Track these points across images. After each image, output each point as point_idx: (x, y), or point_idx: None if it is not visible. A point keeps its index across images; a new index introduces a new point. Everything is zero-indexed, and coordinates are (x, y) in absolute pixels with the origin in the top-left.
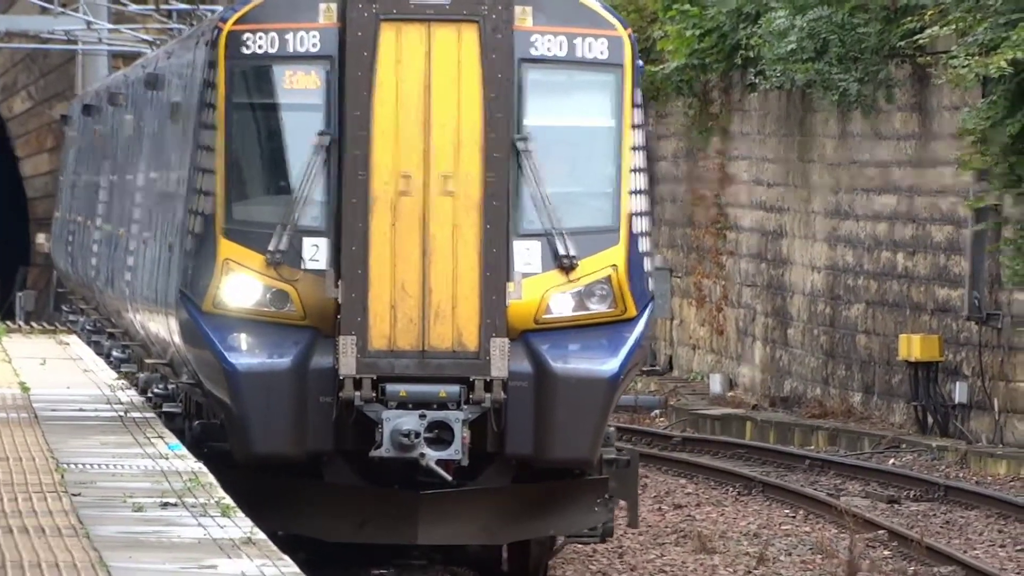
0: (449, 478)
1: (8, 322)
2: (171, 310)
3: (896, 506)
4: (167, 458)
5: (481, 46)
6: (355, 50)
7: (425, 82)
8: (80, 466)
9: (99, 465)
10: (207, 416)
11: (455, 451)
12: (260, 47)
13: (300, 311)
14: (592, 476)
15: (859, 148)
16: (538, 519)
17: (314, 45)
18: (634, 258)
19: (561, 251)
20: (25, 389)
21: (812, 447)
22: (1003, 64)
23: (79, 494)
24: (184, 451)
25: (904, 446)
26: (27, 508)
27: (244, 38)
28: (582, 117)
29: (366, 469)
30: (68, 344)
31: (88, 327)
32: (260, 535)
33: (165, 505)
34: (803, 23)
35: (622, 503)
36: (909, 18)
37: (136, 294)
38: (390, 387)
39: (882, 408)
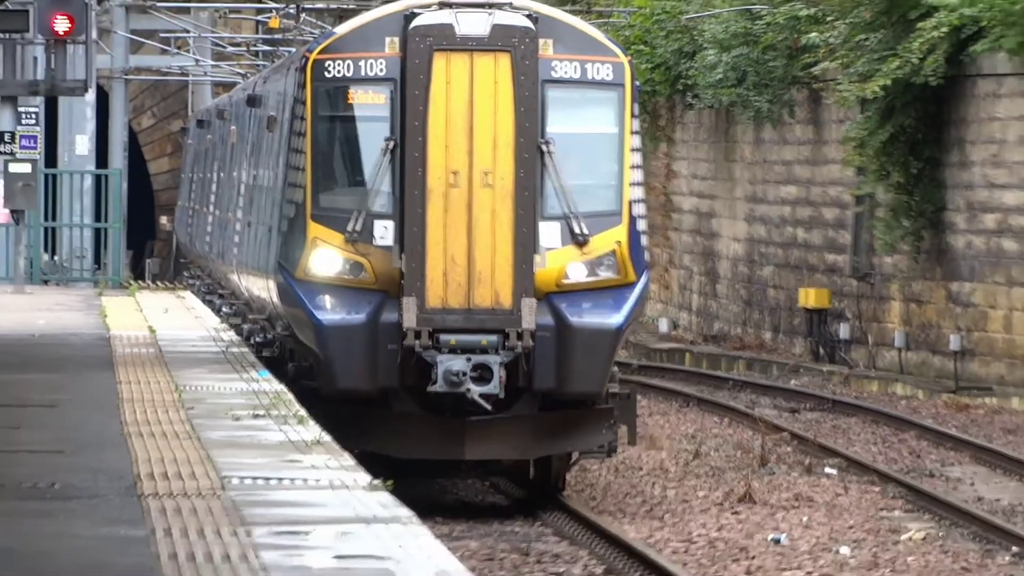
0: (489, 408)
1: (139, 281)
2: (270, 277)
3: (796, 414)
4: (257, 382)
5: (513, 70)
6: (414, 74)
7: (469, 99)
8: (192, 387)
9: (207, 387)
10: (299, 360)
11: (494, 387)
12: (339, 72)
13: (372, 278)
14: (601, 406)
15: (769, 151)
16: (559, 439)
17: (381, 70)
18: (634, 236)
19: (576, 230)
20: (152, 331)
21: (734, 372)
22: (876, 89)
23: (192, 408)
24: (270, 377)
25: (802, 371)
26: (154, 418)
27: (326, 65)
28: (592, 125)
29: (423, 401)
30: (184, 298)
31: (203, 289)
32: (327, 438)
33: (256, 416)
34: (728, 59)
35: (623, 426)
36: (806, 55)
37: (241, 264)
38: (443, 337)
39: (786, 343)
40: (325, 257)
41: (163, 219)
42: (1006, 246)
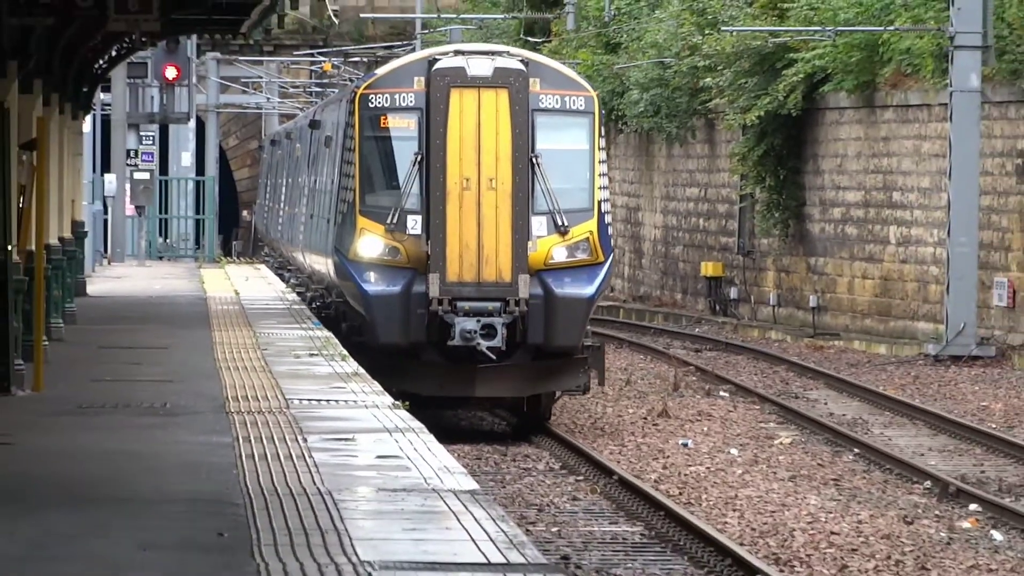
0: (494, 357)
1: (228, 258)
2: (329, 258)
3: (699, 353)
4: (312, 331)
5: (510, 102)
6: (435, 105)
7: (477, 123)
8: (265, 334)
9: (276, 333)
10: (350, 321)
11: (498, 341)
12: (379, 103)
13: (406, 259)
14: (578, 356)
15: (678, 163)
16: (546, 381)
17: (411, 102)
18: (602, 226)
19: (559, 223)
20: (237, 293)
21: (654, 322)
22: (753, 118)
23: (265, 349)
24: (322, 327)
25: (703, 322)
26: (238, 356)
27: (370, 97)
28: (570, 143)
29: (444, 352)
30: (260, 269)
31: (275, 265)
32: (362, 371)
33: (311, 355)
34: (647, 96)
35: (595, 371)
36: (703, 93)
37: (306, 247)
38: (459, 303)
39: (691, 302)
40: (370, 243)
41: (244, 212)
42: (848, 231)
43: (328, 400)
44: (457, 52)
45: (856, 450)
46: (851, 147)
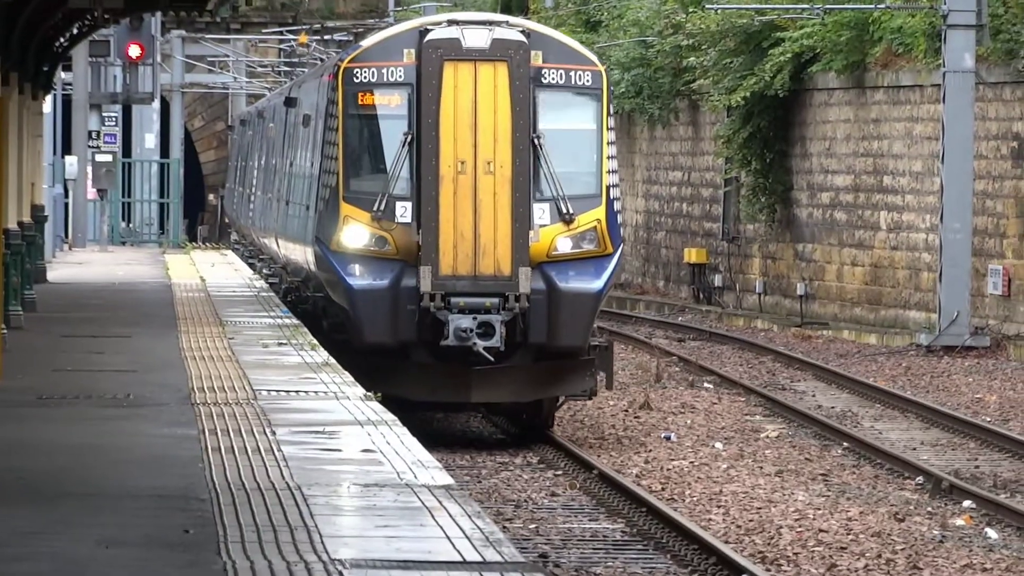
0: (492, 359)
1: (193, 243)
2: (308, 248)
3: (682, 343)
4: (280, 318)
5: (509, 77)
6: (427, 80)
7: (473, 100)
8: (233, 322)
9: (243, 321)
10: (332, 317)
11: (496, 341)
12: (365, 77)
13: (394, 250)
14: (584, 357)
15: (660, 145)
16: (549, 385)
17: (400, 76)
18: (611, 214)
19: (563, 210)
20: (202, 280)
21: (636, 311)
22: (739, 99)
23: (232, 337)
24: (290, 314)
25: (687, 310)
26: (204, 345)
27: (354, 71)
28: (576, 123)
29: (437, 353)
30: (226, 255)
31: (246, 254)
32: (332, 361)
33: (280, 344)
34: (629, 77)
35: (602, 373)
36: (687, 74)
37: (281, 234)
38: (453, 299)
39: (674, 289)
40: (355, 232)
41: (210, 196)
42: (837, 216)
43: (297, 391)
44: (451, 22)
45: (845, 444)
46: (840, 129)
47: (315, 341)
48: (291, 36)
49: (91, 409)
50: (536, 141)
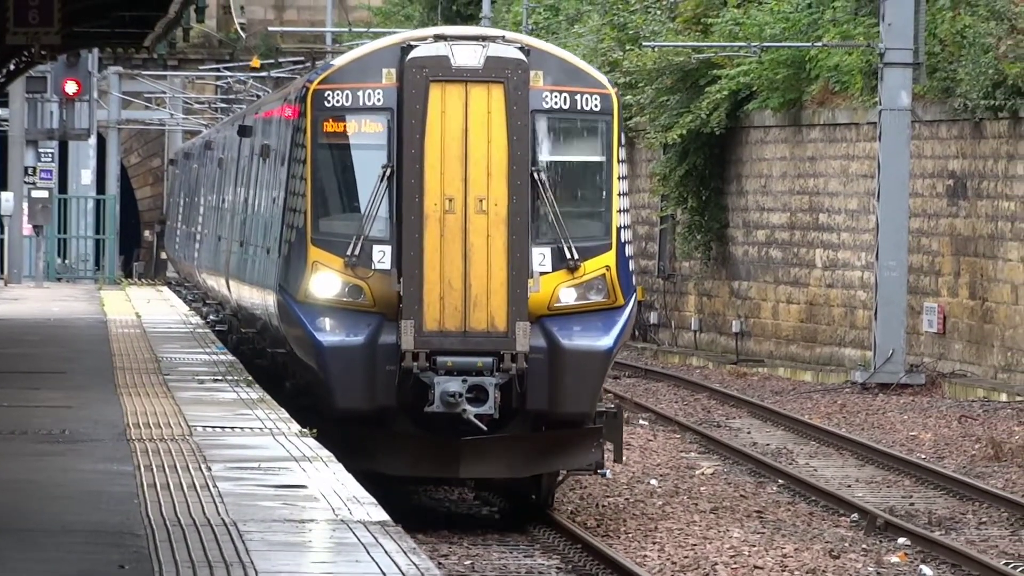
0: (484, 428)
1: (129, 279)
2: (269, 296)
3: (618, 380)
4: (216, 355)
5: (506, 100)
6: (410, 104)
7: (463, 127)
8: (168, 358)
9: (179, 357)
10: (297, 378)
11: (489, 407)
12: (338, 101)
13: (371, 301)
14: (590, 426)
15: None
16: (549, 459)
17: (378, 100)
18: (622, 260)
19: (567, 255)
20: (138, 316)
21: None
22: (675, 136)
23: (168, 373)
24: (226, 351)
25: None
26: (139, 381)
27: (326, 94)
28: (581, 154)
29: (420, 421)
30: (162, 291)
31: (189, 297)
32: (268, 397)
33: (216, 380)
34: None
35: (610, 444)
36: (623, 112)
37: (236, 278)
38: (440, 359)
39: None
40: (325, 280)
41: (146, 232)
42: (773, 254)
43: (233, 427)
44: (438, 37)
45: (780, 481)
46: (776, 167)
47: (250, 378)
48: (228, 73)
49: (26, 444)
50: (536, 175)
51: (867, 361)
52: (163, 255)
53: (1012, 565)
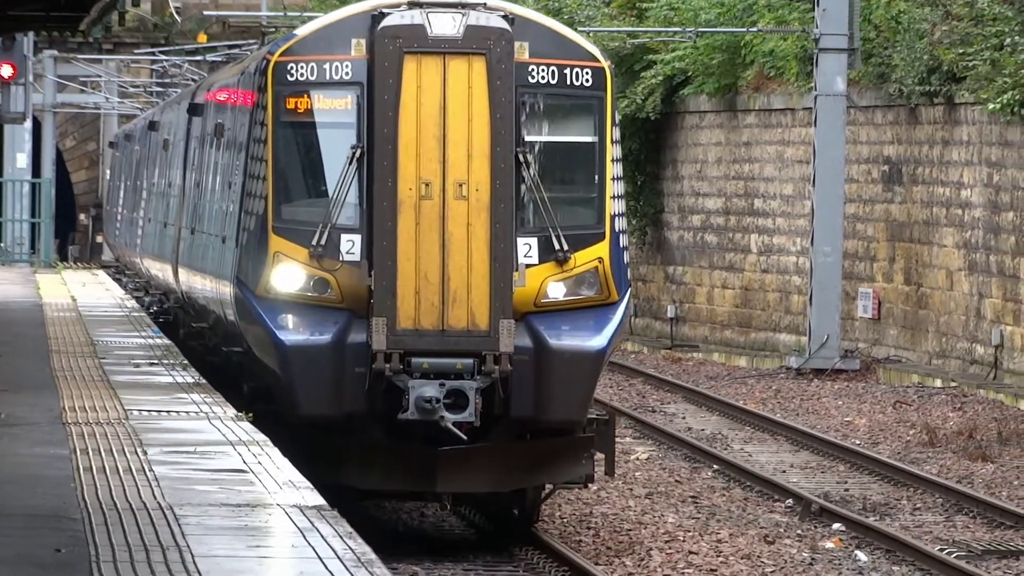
0: (464, 437)
1: (64, 263)
2: (220, 284)
3: None
4: (152, 338)
5: (488, 74)
6: (382, 78)
7: (441, 104)
8: (104, 342)
9: (114, 341)
10: (256, 381)
11: (469, 414)
12: (302, 75)
13: (338, 296)
14: (580, 435)
15: None
16: (536, 471)
17: (347, 73)
18: (616, 252)
19: (556, 246)
20: (74, 299)
21: None
22: None
23: (104, 357)
24: (162, 335)
25: None
26: (75, 365)
27: (288, 67)
28: (572, 134)
29: (392, 429)
30: (97, 275)
31: (131, 286)
32: (203, 382)
33: (151, 364)
34: None
35: (601, 455)
36: None
37: (184, 265)
38: (415, 360)
39: None
40: (288, 273)
41: (81, 216)
42: (708, 239)
43: (169, 411)
44: (412, 3)
45: (715, 466)
46: (711, 152)
47: (186, 362)
48: (163, 57)
49: None
50: (521, 157)
51: (802, 346)
52: (98, 239)
53: (946, 551)
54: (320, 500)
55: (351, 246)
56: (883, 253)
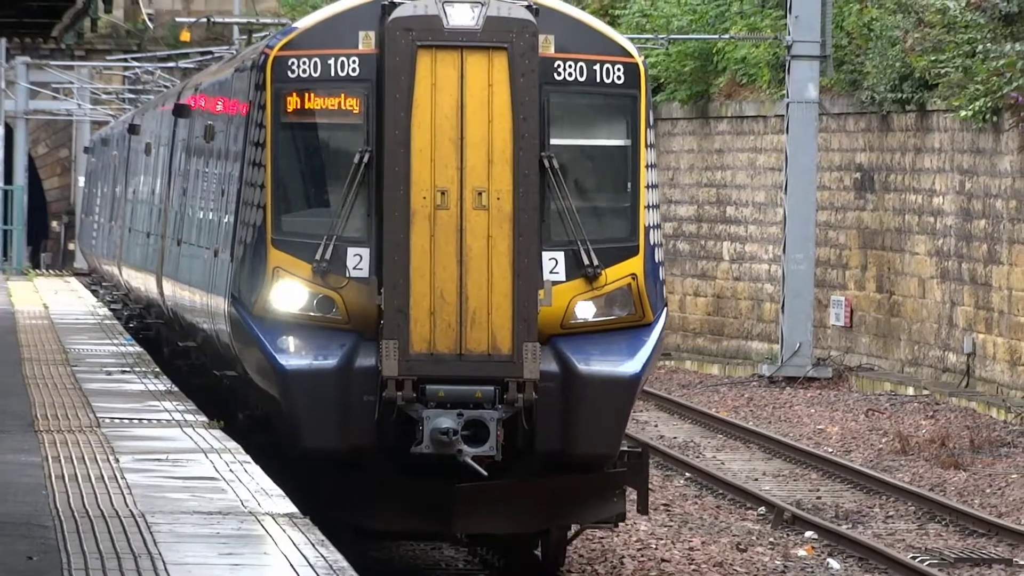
0: (484, 473)
1: (36, 270)
2: (213, 301)
3: None
4: (124, 346)
5: (511, 71)
6: (394, 75)
7: (459, 104)
8: (76, 349)
9: (86, 349)
10: (252, 408)
11: (490, 448)
12: (304, 71)
13: (344, 316)
14: (611, 470)
15: None
16: (563, 510)
17: (354, 70)
18: (651, 267)
19: (585, 261)
20: (46, 307)
21: None
22: None
23: (76, 365)
24: (133, 342)
25: None
26: (47, 372)
27: (289, 63)
28: (603, 137)
29: (405, 464)
30: (70, 282)
31: (107, 298)
32: (175, 389)
33: (123, 371)
34: None
35: (634, 491)
36: None
37: (170, 278)
38: (430, 388)
39: None
40: (289, 290)
41: (54, 223)
42: (680, 247)
43: (141, 419)
44: None
45: (688, 474)
46: (684, 159)
47: (158, 369)
48: (136, 64)
49: None
50: (547, 162)
51: (774, 354)
52: (71, 246)
53: (918, 559)
54: (292, 508)
55: (358, 261)
56: (855, 261)
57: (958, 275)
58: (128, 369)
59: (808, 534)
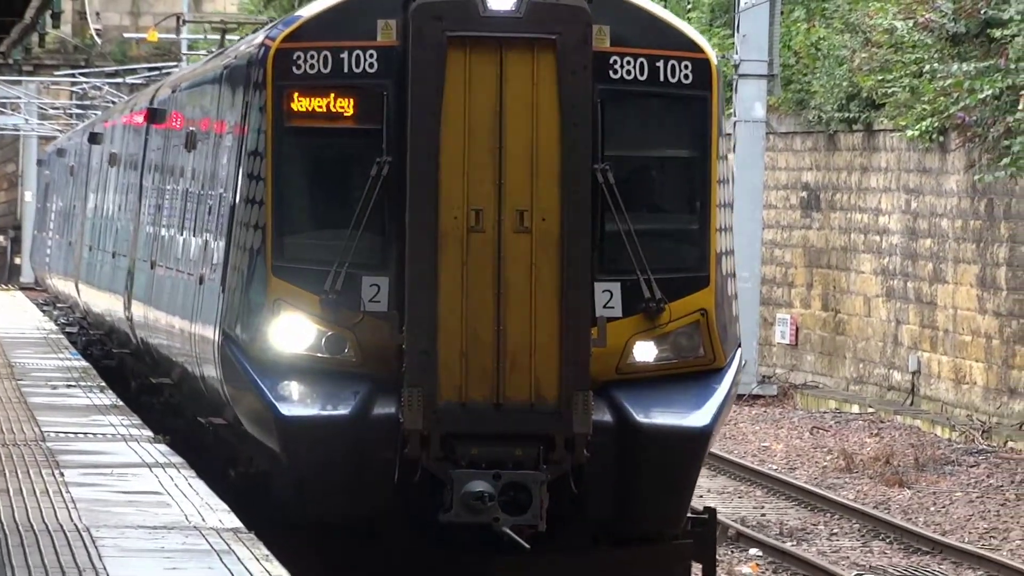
0: (527, 546)
1: None
2: (197, 333)
3: None
4: (70, 360)
5: (559, 69)
6: (420, 72)
7: (497, 108)
8: (21, 363)
9: (32, 363)
10: (246, 463)
11: (533, 516)
12: (312, 67)
13: (358, 358)
14: (675, 542)
15: None
16: None
17: (371, 65)
18: (723, 302)
19: (647, 294)
20: None
21: None
22: None
23: (21, 379)
24: (79, 357)
25: None
26: None
27: (295, 57)
28: (667, 147)
29: (431, 533)
30: (15, 297)
31: (63, 321)
32: (121, 403)
33: (69, 386)
34: None
35: (701, 565)
36: None
37: (141, 302)
38: (461, 444)
39: None
40: (292, 327)
41: (0, 238)
42: None
43: (86, 433)
44: None
45: None
46: None
47: (103, 383)
48: (83, 79)
49: None
50: (601, 177)
51: None
52: (16, 260)
53: None
54: (237, 523)
55: (375, 292)
56: (801, 279)
57: (903, 294)
58: (74, 383)
59: (753, 551)
